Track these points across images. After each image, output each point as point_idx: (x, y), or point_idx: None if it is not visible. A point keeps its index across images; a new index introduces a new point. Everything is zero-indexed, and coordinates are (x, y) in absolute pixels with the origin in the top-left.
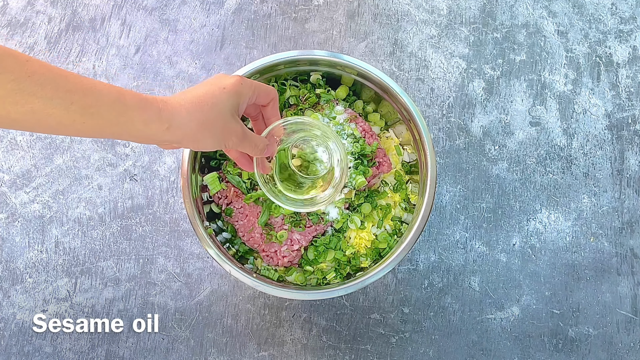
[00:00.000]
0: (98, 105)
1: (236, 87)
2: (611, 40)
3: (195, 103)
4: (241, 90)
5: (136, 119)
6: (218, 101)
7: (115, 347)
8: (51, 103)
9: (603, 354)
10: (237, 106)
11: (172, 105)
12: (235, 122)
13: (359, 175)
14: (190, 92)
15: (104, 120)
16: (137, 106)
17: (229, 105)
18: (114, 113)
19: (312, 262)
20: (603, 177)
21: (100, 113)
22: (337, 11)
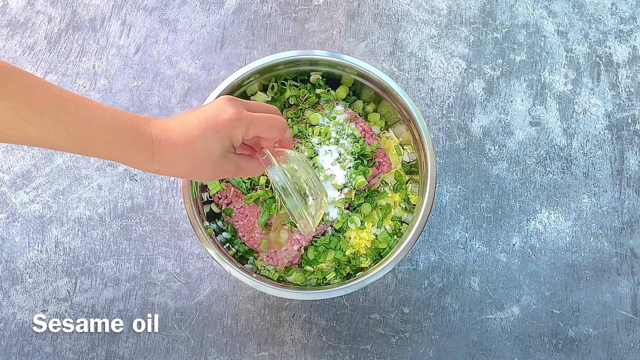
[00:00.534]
0: (94, 141)
1: (228, 130)
2: (611, 40)
3: (187, 148)
4: (234, 133)
5: (129, 158)
6: (209, 146)
7: (115, 347)
8: (48, 132)
9: (603, 354)
10: (229, 147)
11: (164, 148)
12: (227, 162)
13: (359, 175)
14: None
15: (98, 153)
16: (132, 147)
17: (220, 149)
18: (108, 150)
19: (312, 262)
20: (603, 177)
21: (96, 148)
22: (337, 11)
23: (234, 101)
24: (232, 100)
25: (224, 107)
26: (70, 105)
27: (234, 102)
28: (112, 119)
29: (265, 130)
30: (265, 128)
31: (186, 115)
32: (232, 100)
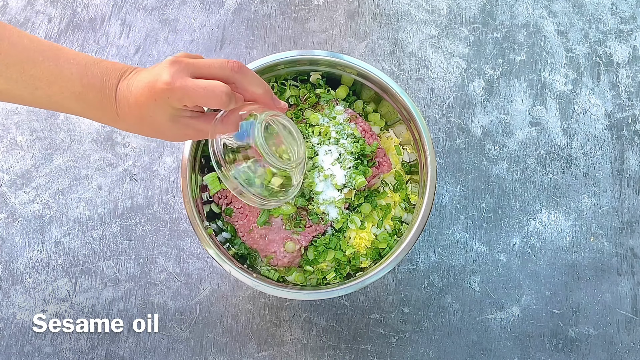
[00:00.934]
0: (62, 96)
1: (164, 99)
2: (611, 40)
3: (137, 113)
4: (170, 102)
5: (97, 117)
6: (153, 113)
7: (115, 347)
8: (16, 85)
9: (603, 354)
10: (175, 112)
11: (123, 110)
12: (181, 127)
13: (359, 175)
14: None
15: (69, 110)
16: (98, 106)
17: (164, 116)
18: (77, 107)
19: (312, 262)
20: (603, 177)
21: (65, 104)
22: (337, 11)
23: (175, 65)
24: (175, 63)
25: (162, 72)
26: (38, 58)
27: (175, 65)
28: (79, 75)
29: (201, 100)
30: (201, 99)
31: (144, 72)
32: (174, 64)
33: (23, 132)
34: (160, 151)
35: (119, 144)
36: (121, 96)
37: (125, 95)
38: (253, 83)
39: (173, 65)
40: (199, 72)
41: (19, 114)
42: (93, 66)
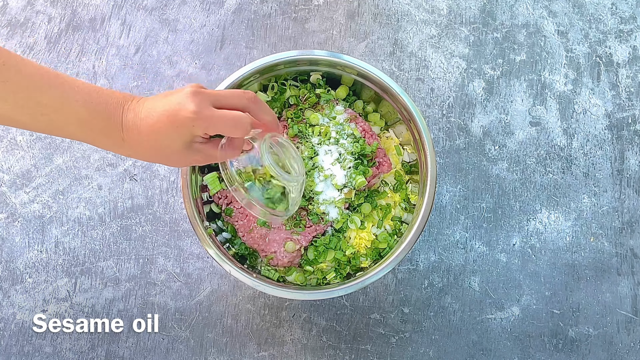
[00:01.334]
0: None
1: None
2: (611, 40)
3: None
4: (193, 131)
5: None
6: (170, 141)
7: (115, 347)
8: (21, 111)
9: (603, 354)
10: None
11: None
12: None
13: (359, 175)
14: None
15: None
16: (103, 133)
17: (182, 143)
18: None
19: (312, 262)
20: (603, 177)
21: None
22: (337, 11)
23: (198, 95)
24: (197, 94)
25: (186, 102)
26: (44, 86)
27: (198, 96)
28: (84, 102)
29: (226, 130)
30: (227, 129)
31: (155, 102)
32: (196, 95)
33: (23, 132)
34: None
35: None
36: (129, 123)
37: (135, 123)
38: (265, 112)
39: (196, 95)
40: (218, 103)
41: None
42: (96, 93)
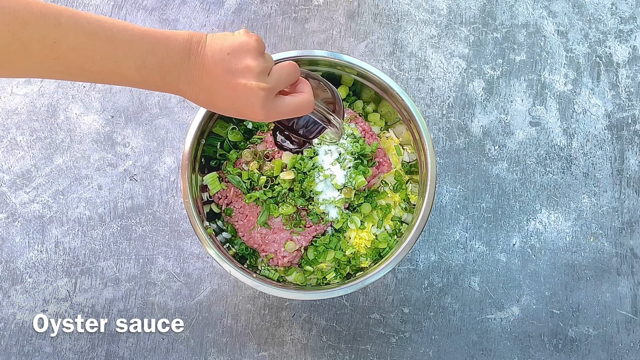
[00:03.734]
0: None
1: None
2: (611, 40)
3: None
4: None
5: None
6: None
7: (115, 347)
8: (75, 77)
9: (603, 354)
10: None
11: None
12: None
13: (359, 175)
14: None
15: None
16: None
17: None
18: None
19: (312, 262)
20: (603, 177)
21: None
22: (337, 11)
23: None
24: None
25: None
26: (96, 57)
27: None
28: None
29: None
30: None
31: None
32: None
33: (23, 132)
34: (160, 151)
35: (119, 144)
36: (187, 89)
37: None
38: None
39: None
40: (281, 87)
41: (19, 114)
42: (150, 55)
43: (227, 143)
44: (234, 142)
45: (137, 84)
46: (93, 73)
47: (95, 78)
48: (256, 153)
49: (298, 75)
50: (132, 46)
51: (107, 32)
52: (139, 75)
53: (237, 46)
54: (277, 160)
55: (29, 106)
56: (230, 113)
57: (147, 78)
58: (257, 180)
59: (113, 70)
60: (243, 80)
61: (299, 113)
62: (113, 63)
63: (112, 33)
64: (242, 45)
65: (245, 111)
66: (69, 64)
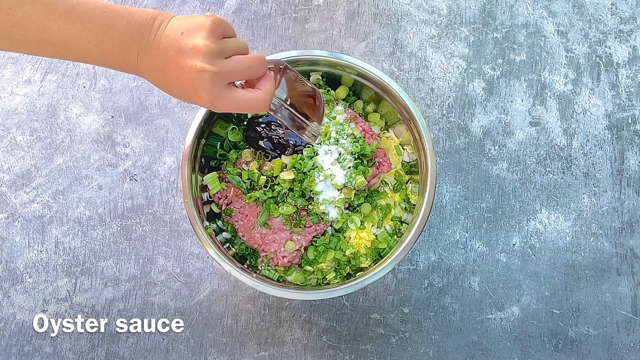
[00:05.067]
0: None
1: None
2: (611, 40)
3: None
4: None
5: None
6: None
7: (115, 347)
8: (34, 49)
9: (603, 354)
10: None
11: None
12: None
13: (359, 175)
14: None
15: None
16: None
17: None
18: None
19: (312, 262)
20: (603, 177)
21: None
22: (337, 11)
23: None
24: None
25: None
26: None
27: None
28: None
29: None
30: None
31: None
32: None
33: (23, 132)
34: (160, 151)
35: (119, 144)
36: (144, 68)
37: (151, 72)
38: None
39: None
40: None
41: (19, 114)
42: (111, 29)
43: (227, 143)
44: (234, 142)
45: (97, 61)
46: (52, 45)
47: (55, 51)
48: (256, 153)
49: (263, 70)
50: (91, 19)
51: (66, 2)
52: (99, 50)
53: (191, 26)
54: (277, 160)
55: (29, 106)
56: (181, 97)
57: (107, 55)
58: (257, 180)
59: (72, 43)
60: (190, 61)
61: (250, 110)
62: (71, 35)
63: (72, 4)
64: (195, 24)
65: (190, 94)
66: (26, 32)
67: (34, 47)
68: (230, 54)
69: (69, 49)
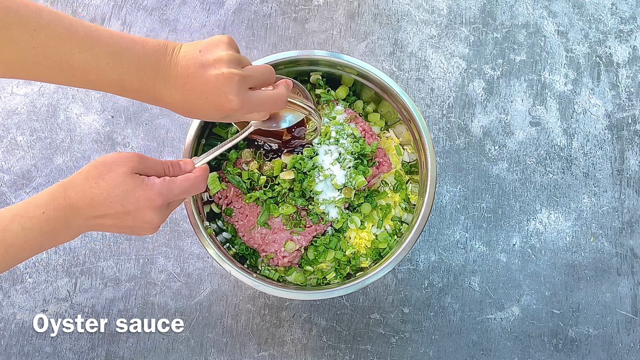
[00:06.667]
0: (98, 83)
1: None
2: (611, 40)
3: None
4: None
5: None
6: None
7: (115, 347)
8: (54, 73)
9: (603, 354)
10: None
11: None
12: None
13: (359, 175)
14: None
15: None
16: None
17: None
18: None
19: (312, 262)
20: (603, 177)
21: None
22: (337, 11)
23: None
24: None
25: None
26: (74, 49)
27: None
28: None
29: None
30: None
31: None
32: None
33: (23, 132)
34: (160, 151)
35: (119, 144)
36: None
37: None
38: None
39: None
40: (253, 84)
41: (19, 114)
42: (127, 53)
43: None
44: None
45: (114, 85)
46: (72, 68)
47: (74, 75)
48: (256, 153)
49: (273, 77)
50: (109, 42)
51: (85, 27)
52: (116, 72)
53: (208, 43)
54: (277, 160)
55: (29, 106)
56: (205, 110)
57: (124, 77)
58: (257, 180)
59: (91, 66)
60: (215, 71)
61: (272, 106)
62: (91, 57)
63: (91, 30)
64: (212, 41)
65: (219, 101)
66: (48, 54)
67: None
68: (245, 64)
69: (87, 72)
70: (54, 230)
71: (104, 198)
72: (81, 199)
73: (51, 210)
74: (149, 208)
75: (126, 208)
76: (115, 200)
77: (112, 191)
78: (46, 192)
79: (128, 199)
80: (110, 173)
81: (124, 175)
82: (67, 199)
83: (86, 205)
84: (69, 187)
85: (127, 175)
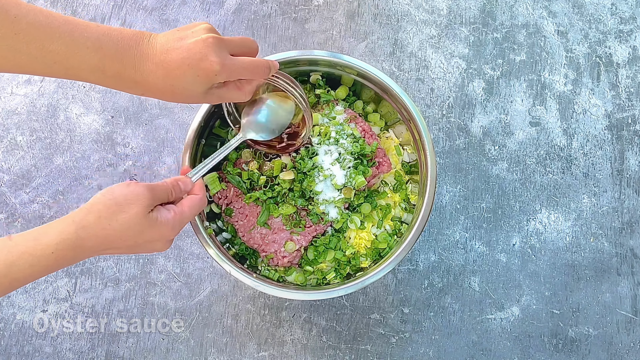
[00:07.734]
0: (79, 70)
1: (209, 77)
2: (611, 40)
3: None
4: (215, 79)
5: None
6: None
7: (115, 347)
8: (35, 60)
9: (603, 354)
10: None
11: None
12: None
13: (359, 175)
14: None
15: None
16: (115, 77)
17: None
18: (93, 79)
19: (312, 262)
20: (603, 177)
21: (81, 76)
22: (337, 11)
23: (217, 45)
24: (216, 44)
25: (208, 53)
26: (54, 35)
27: (218, 46)
28: (95, 49)
29: (248, 76)
30: (248, 75)
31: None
32: (216, 45)
33: (23, 132)
34: (160, 151)
35: (119, 144)
36: (144, 68)
37: (150, 69)
38: None
39: (217, 46)
40: (234, 50)
41: (19, 114)
42: (107, 38)
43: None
44: None
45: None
46: (53, 54)
47: (55, 60)
48: (256, 153)
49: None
50: (88, 28)
51: (63, 17)
52: (97, 56)
53: (186, 26)
54: (277, 160)
55: (29, 106)
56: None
57: (105, 60)
58: (257, 180)
59: (71, 50)
60: (194, 38)
61: (254, 71)
62: (71, 41)
63: (68, 19)
64: (191, 24)
65: (200, 65)
66: (29, 39)
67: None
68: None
69: (68, 57)
70: (61, 265)
71: (118, 238)
72: (93, 239)
73: (60, 250)
74: (160, 241)
75: (138, 243)
76: (129, 239)
77: (126, 232)
78: (56, 229)
79: (142, 237)
80: (122, 214)
81: (137, 216)
82: (78, 240)
83: (98, 244)
84: (80, 227)
85: (141, 216)
